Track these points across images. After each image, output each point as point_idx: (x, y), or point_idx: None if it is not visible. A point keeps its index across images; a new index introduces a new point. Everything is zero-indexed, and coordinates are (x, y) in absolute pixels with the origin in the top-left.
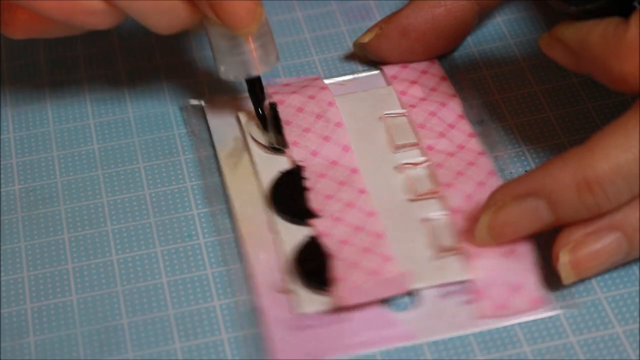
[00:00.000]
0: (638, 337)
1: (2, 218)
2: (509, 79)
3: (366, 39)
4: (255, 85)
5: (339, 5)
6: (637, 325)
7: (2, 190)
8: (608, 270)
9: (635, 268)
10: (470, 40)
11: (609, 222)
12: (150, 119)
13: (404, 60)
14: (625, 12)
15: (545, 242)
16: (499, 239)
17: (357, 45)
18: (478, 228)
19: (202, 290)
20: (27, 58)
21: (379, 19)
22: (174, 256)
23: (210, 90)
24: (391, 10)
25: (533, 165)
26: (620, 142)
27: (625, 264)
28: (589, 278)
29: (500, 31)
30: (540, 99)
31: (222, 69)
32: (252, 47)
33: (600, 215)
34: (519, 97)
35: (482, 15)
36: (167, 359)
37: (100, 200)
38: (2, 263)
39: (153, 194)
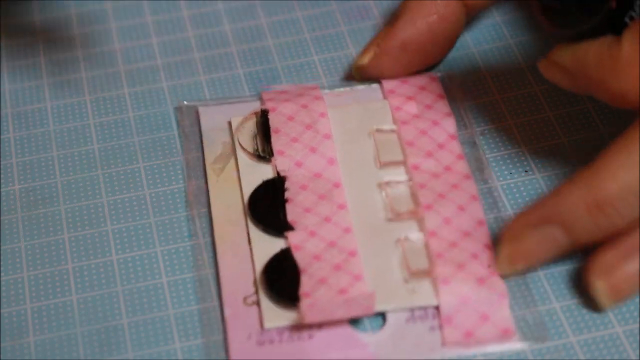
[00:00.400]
0: (638, 337)
1: (2, 218)
2: (509, 79)
3: (365, 60)
4: None
5: (339, 5)
6: (637, 325)
7: (2, 190)
8: None
9: None
10: (470, 40)
11: (636, 242)
12: (150, 119)
13: (402, 73)
14: (617, 29)
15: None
16: (521, 268)
17: (357, 68)
18: (499, 260)
19: (202, 291)
20: (27, 58)
21: (378, 18)
22: (174, 256)
23: (210, 90)
24: (391, 10)
25: (533, 166)
26: (624, 161)
27: None
28: (625, 301)
29: (500, 31)
30: (540, 99)
31: None
32: None
33: (615, 233)
34: (519, 97)
35: (469, 17)
36: (167, 359)
37: (100, 200)
38: (2, 263)
39: (153, 194)
